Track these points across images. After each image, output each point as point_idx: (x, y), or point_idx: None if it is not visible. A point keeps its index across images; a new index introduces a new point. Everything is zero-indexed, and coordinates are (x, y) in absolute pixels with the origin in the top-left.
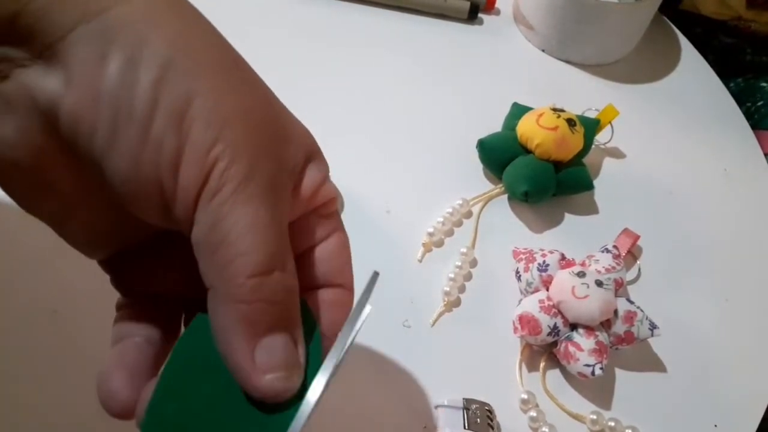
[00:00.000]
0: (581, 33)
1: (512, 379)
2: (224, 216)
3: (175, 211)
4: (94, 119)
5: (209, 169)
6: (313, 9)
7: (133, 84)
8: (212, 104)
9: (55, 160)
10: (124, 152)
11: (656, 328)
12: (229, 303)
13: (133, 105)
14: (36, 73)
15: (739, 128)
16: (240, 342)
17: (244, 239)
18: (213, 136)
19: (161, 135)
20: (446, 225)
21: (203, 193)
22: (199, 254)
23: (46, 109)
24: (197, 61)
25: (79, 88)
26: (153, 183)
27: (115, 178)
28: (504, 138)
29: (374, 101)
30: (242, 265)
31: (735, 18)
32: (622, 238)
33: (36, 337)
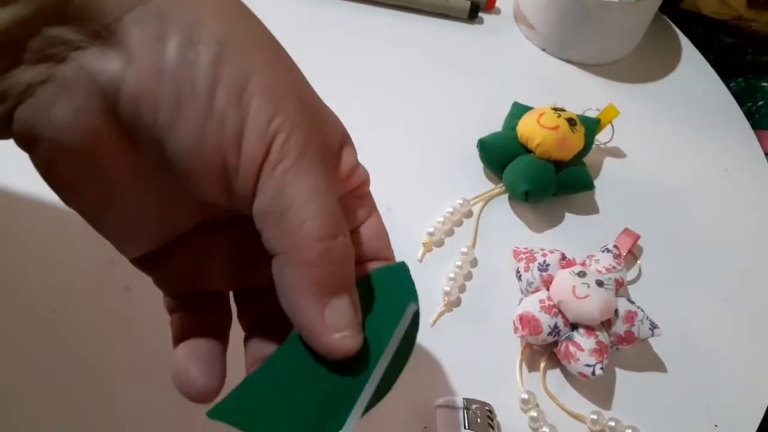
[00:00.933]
0: (582, 32)
1: (512, 379)
2: (288, 184)
3: (237, 183)
4: (157, 97)
5: (270, 141)
6: (313, 8)
7: (193, 62)
8: (269, 79)
9: (110, 142)
10: (189, 127)
11: (657, 328)
12: (300, 266)
13: (195, 82)
14: (94, 55)
15: (739, 128)
16: (311, 302)
17: (310, 205)
18: (272, 109)
19: (224, 110)
20: (446, 224)
21: (266, 164)
22: (264, 223)
23: (105, 90)
24: (249, 40)
25: (140, 67)
26: (216, 156)
27: (179, 154)
28: (504, 137)
29: (374, 100)
30: (311, 229)
31: (736, 18)
32: (623, 238)
33: (36, 337)
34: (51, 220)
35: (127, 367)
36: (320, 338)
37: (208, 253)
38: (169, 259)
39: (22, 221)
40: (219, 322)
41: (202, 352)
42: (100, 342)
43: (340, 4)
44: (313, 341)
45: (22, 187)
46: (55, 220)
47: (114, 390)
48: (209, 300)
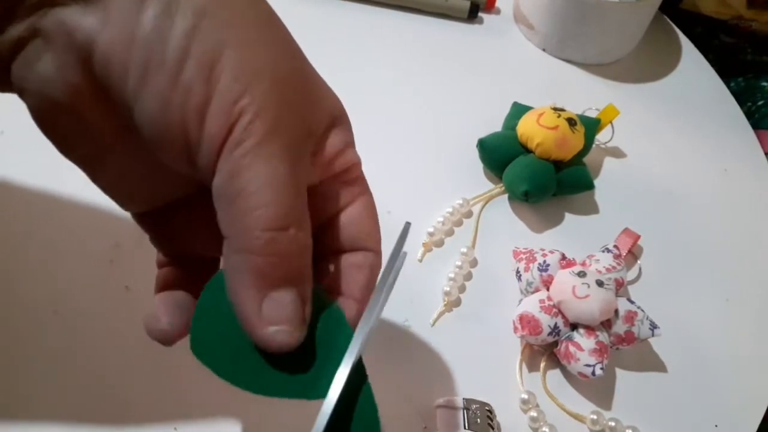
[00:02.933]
0: (582, 32)
1: (512, 379)
2: (244, 168)
3: (198, 158)
4: (126, 61)
5: (234, 121)
6: (313, 8)
7: (166, 31)
8: (242, 57)
9: (90, 99)
10: (153, 96)
11: (657, 328)
12: (243, 253)
13: (165, 51)
14: (74, 11)
15: (739, 128)
16: (249, 292)
17: (262, 193)
18: (240, 88)
19: (190, 82)
20: (446, 225)
21: (227, 143)
22: (218, 203)
23: (81, 48)
24: (231, 13)
25: (114, 29)
26: (179, 128)
27: (143, 120)
28: (504, 137)
29: (374, 100)
30: (259, 218)
31: (735, 17)
32: (623, 238)
33: (36, 337)
34: (51, 220)
35: (127, 367)
36: (254, 329)
37: (199, 221)
38: (166, 221)
39: (22, 221)
40: (203, 282)
41: (175, 301)
42: (100, 342)
43: (339, 4)
44: (249, 332)
45: (22, 187)
46: (56, 220)
47: (114, 389)
48: (200, 263)
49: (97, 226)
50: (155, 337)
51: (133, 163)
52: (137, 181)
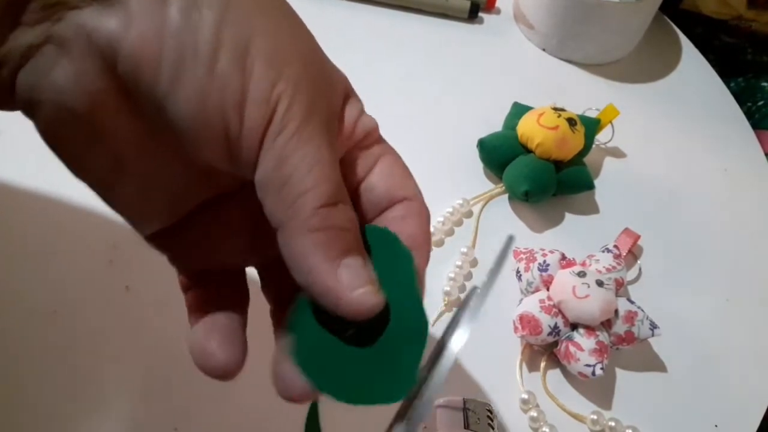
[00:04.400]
0: (582, 32)
1: (513, 379)
2: (290, 153)
3: (240, 150)
4: (157, 58)
5: (273, 108)
6: (313, 8)
7: (195, 24)
8: (272, 44)
9: (112, 105)
10: (190, 91)
11: (657, 327)
12: (304, 233)
13: (197, 44)
14: (92, 14)
15: (739, 128)
16: (322, 264)
17: (311, 175)
18: (275, 74)
19: (226, 73)
20: (446, 224)
21: (268, 132)
22: (266, 193)
23: (104, 51)
24: (254, 3)
25: (140, 27)
26: (218, 122)
27: (180, 118)
28: (504, 137)
29: (374, 100)
30: (311, 198)
31: (736, 17)
32: (623, 238)
33: (36, 338)
34: (51, 220)
35: (127, 367)
36: (341, 298)
37: (222, 227)
38: (183, 235)
39: (22, 221)
40: (236, 298)
41: (222, 327)
42: (100, 342)
43: (340, 3)
44: (334, 303)
45: (22, 187)
46: (56, 220)
47: (114, 389)
48: (225, 277)
49: (97, 226)
50: (214, 374)
51: (151, 174)
52: (155, 193)
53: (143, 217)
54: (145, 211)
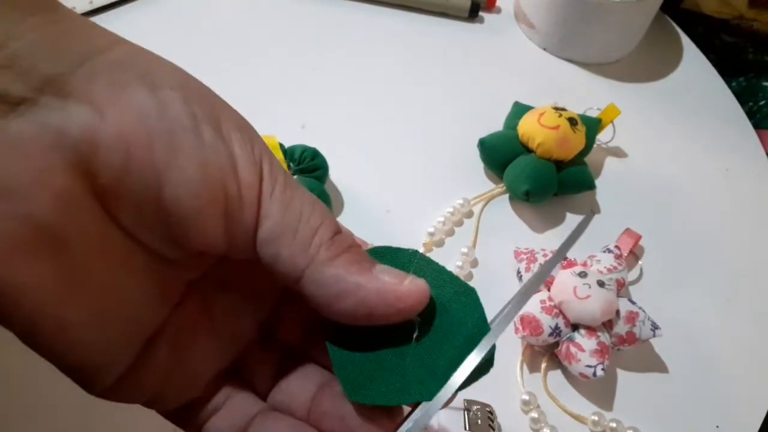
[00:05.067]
0: (583, 32)
1: (513, 380)
2: (290, 200)
3: (241, 211)
4: (149, 136)
5: (260, 167)
6: (313, 8)
7: (167, 103)
8: (232, 115)
9: (79, 207)
10: (189, 159)
11: (658, 328)
12: (333, 260)
13: (179, 119)
14: (53, 109)
15: (740, 128)
16: (363, 275)
17: (315, 213)
18: (249, 139)
19: (213, 142)
20: (447, 225)
21: (263, 187)
22: (281, 241)
23: (77, 145)
24: (198, 83)
25: (118, 113)
26: (219, 187)
27: (183, 189)
28: (505, 137)
29: (374, 100)
30: (326, 231)
31: (737, 17)
32: (624, 238)
33: None
34: None
35: None
36: (398, 292)
37: (185, 341)
38: (149, 368)
39: None
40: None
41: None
42: None
43: (340, 3)
44: (394, 300)
45: None
46: None
47: None
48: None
49: None
50: None
51: (110, 288)
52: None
53: (102, 357)
54: (105, 348)
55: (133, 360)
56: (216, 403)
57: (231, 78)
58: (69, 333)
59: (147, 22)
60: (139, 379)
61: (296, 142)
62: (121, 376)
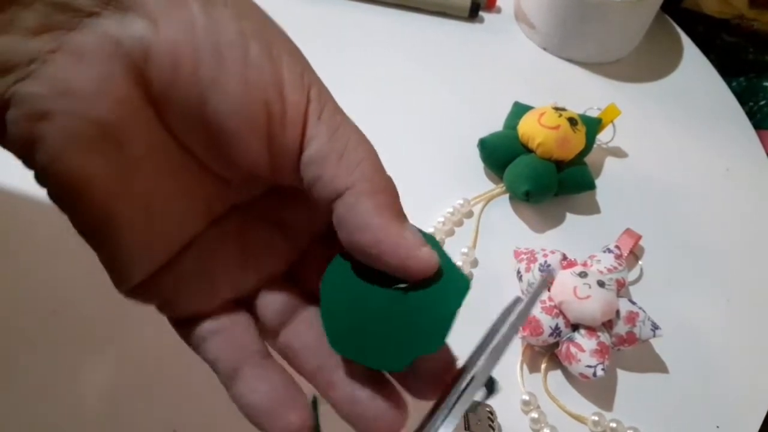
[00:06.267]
0: (583, 31)
1: (513, 380)
2: (338, 127)
3: (284, 131)
4: (195, 54)
5: (308, 91)
6: (313, 7)
7: (218, 19)
8: (285, 37)
9: (134, 113)
10: (233, 79)
11: (658, 328)
12: (372, 194)
13: (228, 35)
14: (114, 21)
15: (741, 128)
16: (392, 222)
17: (361, 146)
18: (300, 64)
19: (260, 61)
20: (447, 225)
21: (309, 110)
22: (324, 165)
23: (132, 56)
24: (248, 3)
25: (169, 28)
26: (262, 106)
27: (224, 109)
28: (505, 137)
29: (374, 100)
30: (371, 164)
31: (737, 17)
32: (624, 238)
33: (35, 338)
34: (51, 219)
35: (127, 368)
36: (410, 254)
37: (212, 258)
38: (173, 275)
39: (22, 221)
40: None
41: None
42: (99, 342)
43: (340, 3)
44: (404, 258)
45: (22, 187)
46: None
47: (114, 389)
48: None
49: None
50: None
51: (158, 193)
52: (158, 217)
53: (140, 254)
54: (143, 245)
55: (164, 263)
56: (221, 326)
57: None
58: (117, 228)
59: None
60: (162, 282)
61: None
62: (148, 275)
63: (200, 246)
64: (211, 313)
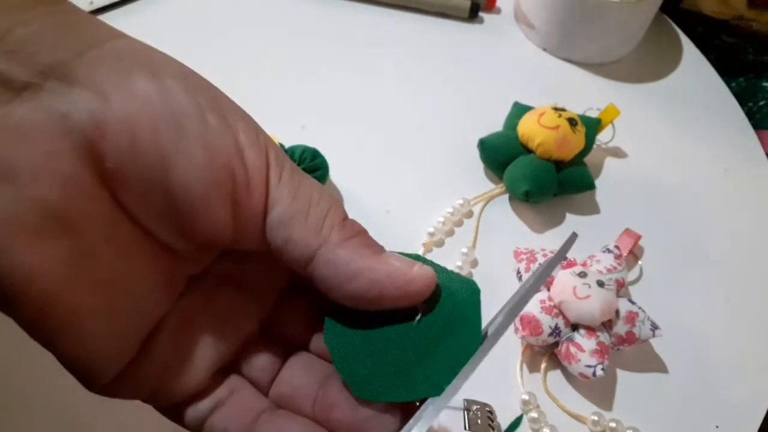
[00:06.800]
0: (582, 32)
1: (513, 379)
2: (299, 185)
3: (250, 195)
4: (154, 120)
5: (266, 153)
6: (313, 8)
7: (170, 91)
8: (232, 106)
9: (85, 190)
10: (195, 143)
11: (658, 328)
12: (344, 243)
13: (183, 105)
14: (58, 94)
15: (740, 128)
16: (374, 258)
17: (323, 198)
18: (253, 126)
19: (219, 128)
20: (447, 225)
21: (271, 174)
22: (292, 224)
23: (83, 129)
24: (197, 75)
25: (123, 97)
26: (226, 170)
27: (190, 173)
28: (505, 137)
29: (374, 100)
30: (335, 215)
31: (736, 17)
32: (624, 238)
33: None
34: None
35: None
36: (408, 276)
37: (186, 330)
38: (150, 358)
39: None
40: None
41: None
42: None
43: (340, 3)
44: (404, 283)
45: None
46: None
47: None
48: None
49: None
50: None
51: (116, 276)
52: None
53: (107, 347)
54: (109, 337)
55: (136, 353)
56: (219, 398)
57: (231, 79)
58: (76, 321)
59: (147, 22)
60: (140, 373)
61: (296, 142)
62: (122, 370)
63: (170, 325)
64: (202, 392)
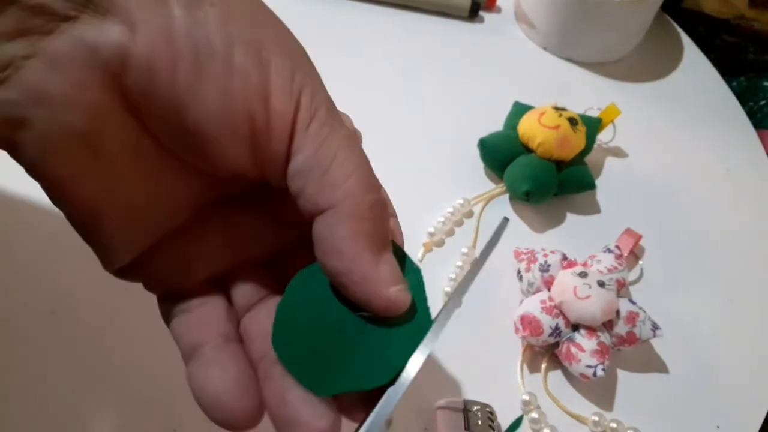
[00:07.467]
0: (583, 31)
1: (513, 380)
2: (327, 137)
3: (269, 141)
4: (172, 61)
5: (297, 97)
6: (313, 8)
7: (203, 21)
8: (279, 37)
9: (111, 119)
10: (212, 87)
11: (658, 328)
12: (353, 219)
13: (210, 40)
14: (90, 25)
15: (741, 127)
16: (367, 253)
17: (350, 159)
18: (292, 65)
19: (244, 67)
20: (447, 224)
21: (298, 119)
22: (307, 180)
23: (108, 62)
24: (243, 3)
25: (147, 32)
26: (244, 116)
27: (202, 118)
28: (505, 137)
29: (374, 100)
30: (357, 183)
31: (737, 17)
32: (624, 238)
33: (34, 339)
34: (51, 220)
35: (126, 368)
36: (378, 292)
37: (194, 238)
38: (157, 258)
39: (22, 221)
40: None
41: (227, 365)
42: (98, 343)
43: (339, 3)
44: (371, 295)
45: (22, 187)
46: (55, 220)
47: (113, 390)
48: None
49: None
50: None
51: (140, 193)
52: (142, 215)
53: (124, 244)
54: (127, 237)
55: (146, 249)
56: (190, 305)
57: None
58: (100, 221)
59: None
60: (146, 264)
61: None
62: (132, 259)
63: (183, 231)
64: (187, 294)
